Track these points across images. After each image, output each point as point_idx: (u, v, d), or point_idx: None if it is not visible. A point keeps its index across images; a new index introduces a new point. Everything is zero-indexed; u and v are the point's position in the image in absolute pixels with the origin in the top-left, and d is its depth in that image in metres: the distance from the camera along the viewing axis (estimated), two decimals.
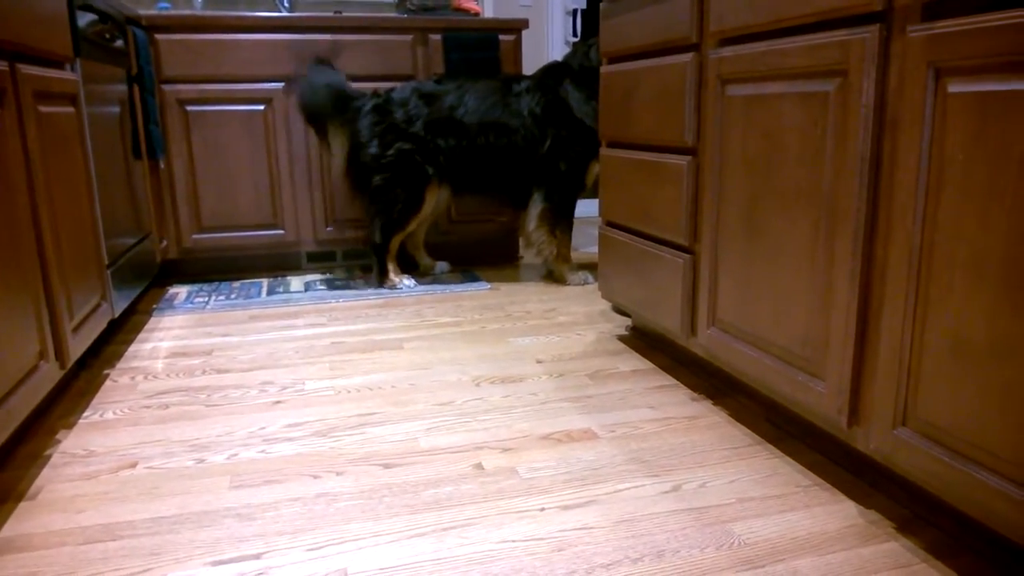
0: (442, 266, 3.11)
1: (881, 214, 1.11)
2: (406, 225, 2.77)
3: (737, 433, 1.52)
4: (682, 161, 1.65)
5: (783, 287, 1.33)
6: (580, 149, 2.73)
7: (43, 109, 1.61)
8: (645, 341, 2.13)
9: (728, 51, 1.45)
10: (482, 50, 3.10)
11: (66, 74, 1.79)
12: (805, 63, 1.23)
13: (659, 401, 1.70)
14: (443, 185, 2.79)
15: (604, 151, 2.07)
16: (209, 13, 2.83)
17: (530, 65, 4.19)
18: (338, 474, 1.39)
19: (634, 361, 1.97)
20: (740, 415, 1.61)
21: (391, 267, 2.82)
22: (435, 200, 2.80)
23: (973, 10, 0.92)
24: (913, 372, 1.05)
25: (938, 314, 1.00)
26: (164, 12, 2.79)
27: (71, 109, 1.82)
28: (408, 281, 2.83)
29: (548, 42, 4.20)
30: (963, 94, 0.94)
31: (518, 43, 3.19)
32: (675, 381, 1.82)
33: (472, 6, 3.26)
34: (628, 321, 2.33)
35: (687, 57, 1.60)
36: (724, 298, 1.54)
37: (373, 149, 2.68)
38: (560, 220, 2.80)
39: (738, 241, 1.47)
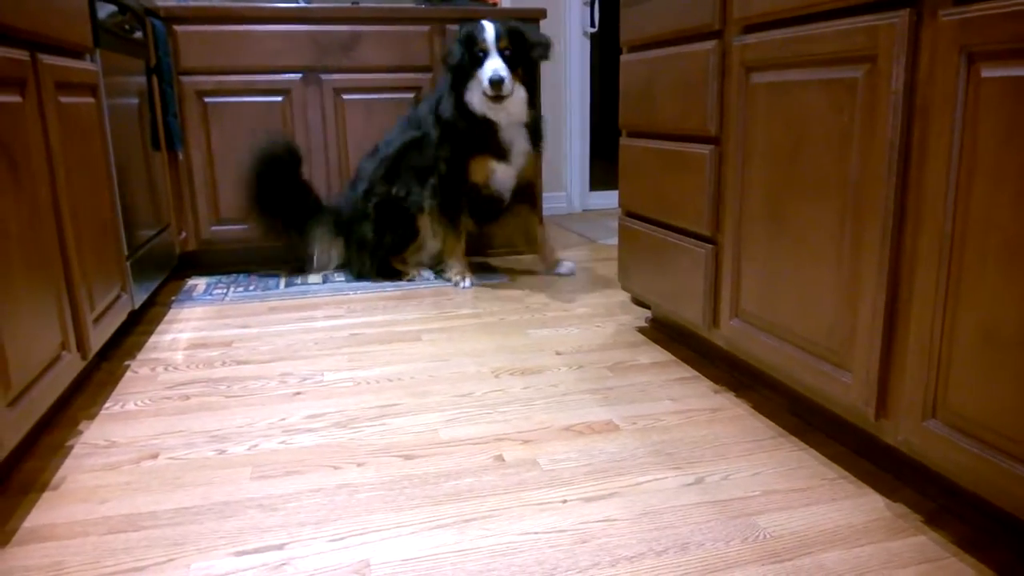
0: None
1: (910, 202, 1.09)
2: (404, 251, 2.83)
3: (760, 425, 1.51)
4: (704, 150, 1.63)
5: (809, 277, 1.31)
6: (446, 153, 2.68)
7: (63, 100, 1.61)
8: (665, 333, 2.11)
9: (752, 38, 1.43)
10: None
11: (86, 65, 1.80)
12: (832, 49, 1.20)
13: (680, 393, 1.68)
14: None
15: (624, 140, 2.05)
16: (227, 4, 2.82)
17: None
18: (359, 465, 1.38)
19: (654, 353, 1.96)
20: (763, 407, 1.59)
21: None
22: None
23: None
24: (943, 363, 1.03)
25: (970, 304, 0.98)
26: (182, 3, 2.79)
27: (91, 100, 1.83)
28: (426, 273, 2.83)
29: (566, 31, 4.18)
30: (997, 79, 0.92)
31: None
32: (696, 373, 1.80)
33: None
34: (648, 313, 2.31)
35: (710, 44, 1.58)
36: (747, 289, 1.52)
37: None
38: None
39: (762, 231, 1.45)
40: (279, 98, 2.89)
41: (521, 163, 2.70)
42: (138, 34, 2.38)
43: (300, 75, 2.90)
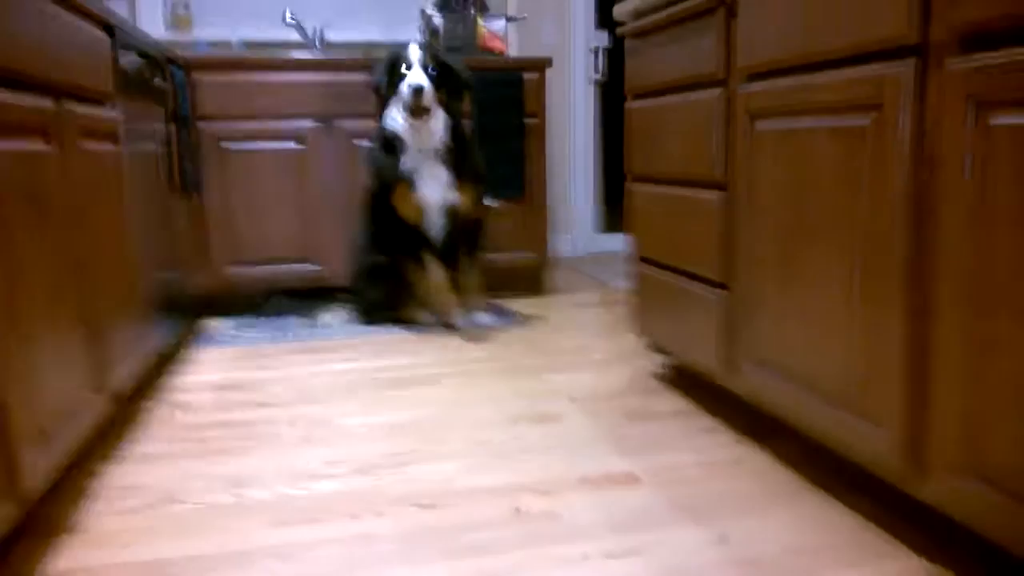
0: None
1: (926, 249, 1.08)
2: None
3: (784, 477, 1.49)
4: (712, 196, 1.64)
5: (826, 325, 1.30)
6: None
7: (86, 146, 1.63)
8: (683, 379, 2.10)
9: (757, 86, 1.45)
10: (506, 88, 3.14)
11: (109, 112, 1.83)
12: (838, 97, 1.22)
13: (701, 443, 1.67)
14: None
15: (631, 186, 2.07)
16: (245, 54, 2.89)
17: (554, 102, 4.22)
18: (377, 514, 1.37)
19: (673, 400, 1.94)
20: (787, 458, 1.57)
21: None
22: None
23: (1014, 41, 0.91)
24: (976, 417, 1.01)
25: (1000, 355, 0.96)
26: (202, 53, 2.85)
27: (113, 146, 1.86)
28: (429, 317, 2.79)
29: (571, 80, 4.24)
30: (1006, 127, 0.93)
31: (542, 81, 3.22)
32: (716, 422, 1.79)
33: (498, 45, 3.31)
34: (663, 358, 2.31)
35: (714, 93, 1.60)
36: (763, 336, 1.51)
37: None
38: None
39: (775, 277, 1.45)
40: (295, 144, 2.93)
41: (451, 197, 2.65)
42: (159, 81, 2.43)
43: (315, 122, 2.94)
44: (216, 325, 2.84)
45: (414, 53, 2.55)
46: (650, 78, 1.91)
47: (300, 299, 3.11)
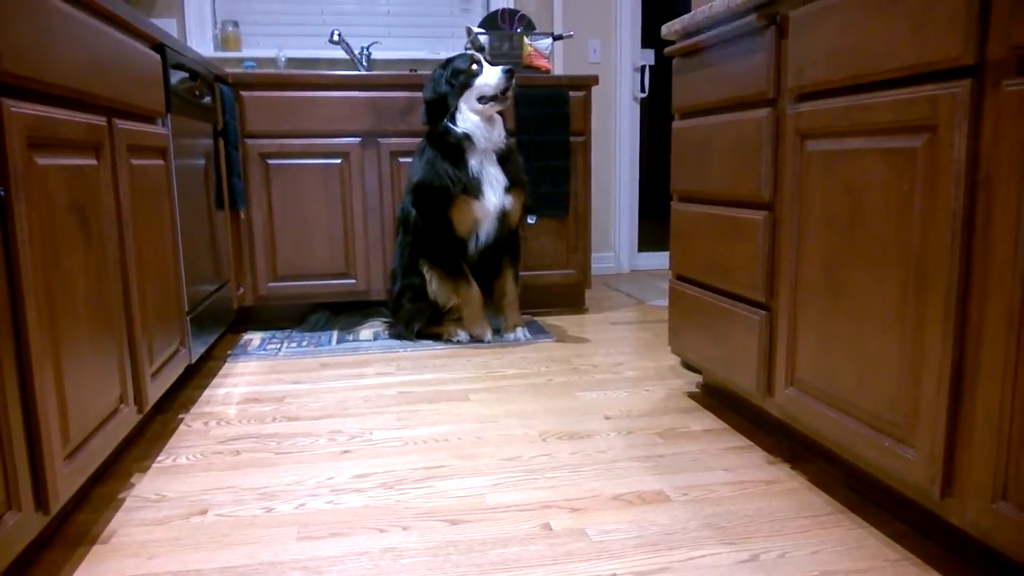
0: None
1: (976, 274, 1.06)
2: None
3: (817, 500, 1.45)
4: (758, 216, 1.62)
5: (868, 348, 1.27)
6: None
7: (135, 162, 1.68)
8: (717, 399, 2.07)
9: (807, 106, 1.43)
10: (552, 106, 3.15)
11: (158, 129, 1.88)
12: (890, 118, 1.19)
13: (734, 463, 1.63)
14: None
15: (676, 205, 2.05)
16: (292, 72, 2.95)
17: (599, 120, 4.23)
18: (404, 529, 1.37)
19: (706, 420, 1.91)
20: (820, 480, 1.54)
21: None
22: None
23: None
24: (1015, 441, 0.98)
25: None
26: (250, 71, 2.92)
27: (161, 162, 1.91)
28: (462, 334, 2.81)
29: (617, 98, 4.24)
30: None
31: (587, 99, 3.22)
32: (750, 442, 1.75)
33: (543, 63, 3.32)
34: (698, 378, 2.27)
35: (763, 112, 1.58)
36: (803, 358, 1.48)
37: None
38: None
39: (818, 299, 1.42)
40: (338, 160, 2.98)
41: (507, 202, 2.70)
42: (207, 99, 2.50)
43: (359, 139, 2.99)
44: (253, 338, 2.89)
45: (480, 56, 2.70)
46: (697, 97, 1.90)
47: (338, 313, 3.14)
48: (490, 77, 2.63)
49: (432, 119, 2.70)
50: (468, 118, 2.65)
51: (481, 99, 2.64)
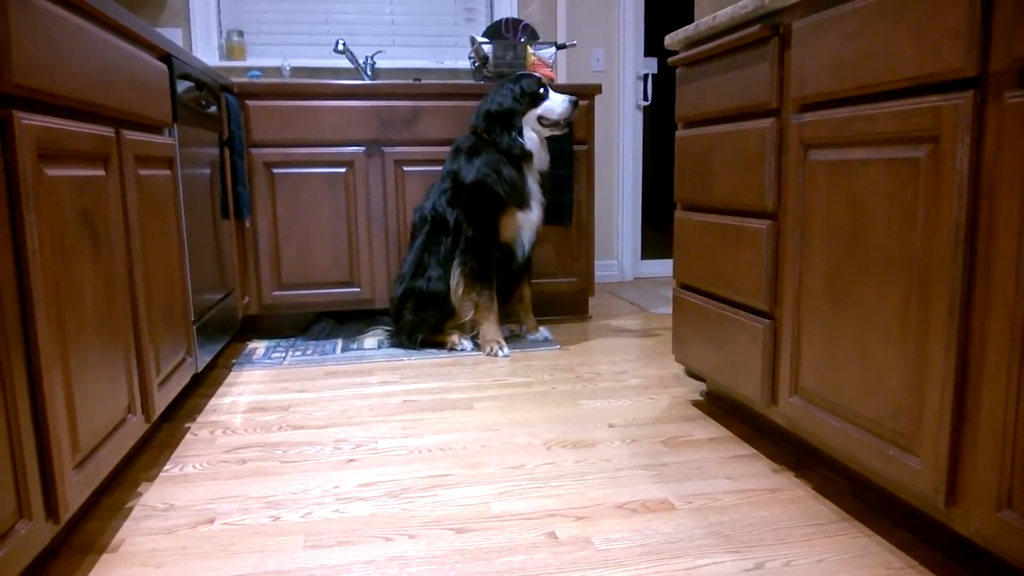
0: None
1: (978, 283, 1.06)
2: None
3: (822, 508, 1.45)
4: (762, 225, 1.63)
5: (872, 356, 1.28)
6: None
7: (142, 172, 1.70)
8: (721, 407, 2.07)
9: (810, 116, 1.44)
10: None
11: (164, 139, 1.90)
12: (893, 129, 1.20)
13: (738, 472, 1.64)
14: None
15: (679, 214, 2.06)
16: (297, 81, 2.97)
17: (602, 129, 4.25)
18: (410, 537, 1.38)
19: (710, 428, 1.92)
20: (824, 488, 1.54)
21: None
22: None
23: None
24: (1020, 450, 0.99)
25: None
26: (255, 80, 2.94)
27: (167, 172, 1.92)
28: (466, 343, 2.82)
29: (620, 106, 4.25)
30: None
31: (591, 108, 3.23)
32: (754, 451, 1.76)
33: (547, 72, 3.34)
34: (702, 386, 2.28)
35: (767, 122, 1.59)
36: (807, 366, 1.49)
37: None
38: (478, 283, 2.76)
39: (822, 307, 1.43)
40: (342, 169, 3.00)
41: (540, 216, 2.84)
42: (213, 109, 2.51)
43: (363, 148, 3.00)
44: (258, 346, 2.90)
45: (544, 79, 2.84)
46: (701, 107, 1.91)
47: (342, 322, 3.15)
48: (557, 103, 2.77)
49: (490, 128, 2.75)
50: (530, 136, 2.78)
51: (542, 120, 2.78)
